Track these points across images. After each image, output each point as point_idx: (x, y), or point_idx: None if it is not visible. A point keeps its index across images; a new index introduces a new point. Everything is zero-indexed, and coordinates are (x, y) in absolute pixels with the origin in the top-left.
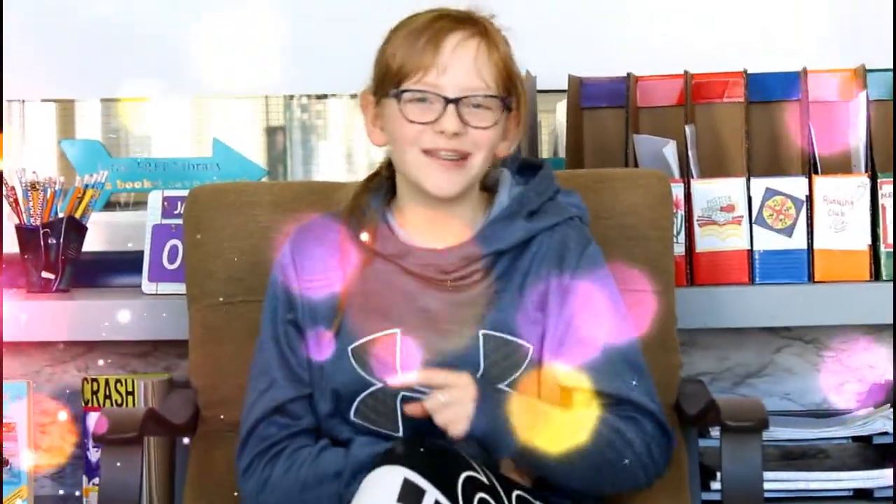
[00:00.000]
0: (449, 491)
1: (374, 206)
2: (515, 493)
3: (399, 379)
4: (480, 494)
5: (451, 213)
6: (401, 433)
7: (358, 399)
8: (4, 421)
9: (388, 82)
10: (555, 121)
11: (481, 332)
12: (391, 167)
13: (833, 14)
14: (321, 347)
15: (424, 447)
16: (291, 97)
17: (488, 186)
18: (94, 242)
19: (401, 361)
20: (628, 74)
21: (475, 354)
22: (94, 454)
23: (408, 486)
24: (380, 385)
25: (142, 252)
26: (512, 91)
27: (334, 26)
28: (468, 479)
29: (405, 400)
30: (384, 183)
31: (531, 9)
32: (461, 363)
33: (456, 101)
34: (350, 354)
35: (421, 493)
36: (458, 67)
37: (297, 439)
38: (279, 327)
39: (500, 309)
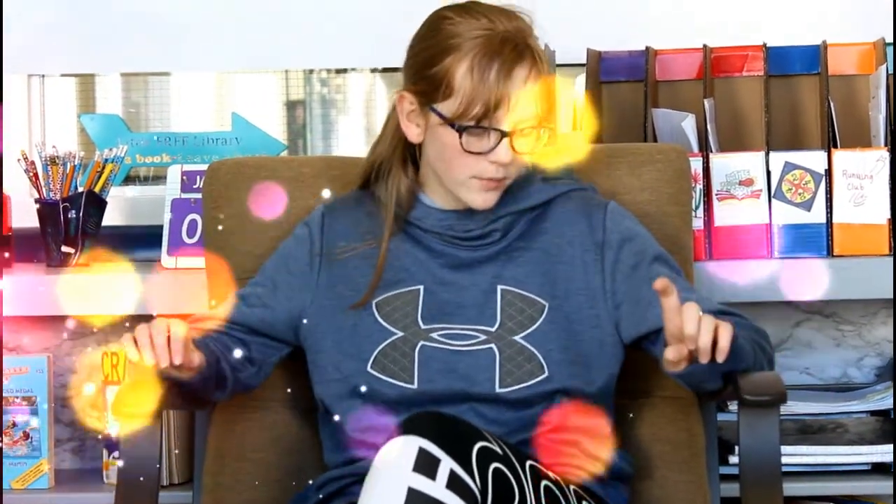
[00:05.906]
0: (464, 460)
1: (406, 181)
2: (528, 462)
3: None
4: (495, 464)
5: None
6: (415, 384)
7: (377, 350)
8: (24, 395)
9: (438, 100)
10: (573, 95)
11: (499, 286)
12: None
13: None
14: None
15: (439, 418)
16: (311, 71)
17: None
18: (113, 217)
19: (422, 313)
20: (647, 48)
21: (493, 308)
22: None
23: (423, 455)
24: (400, 335)
25: (161, 226)
26: (551, 110)
27: (354, 0)
28: (482, 448)
29: (424, 351)
30: (409, 159)
31: None
32: (479, 316)
33: (510, 134)
34: (374, 307)
35: (436, 462)
36: (521, 103)
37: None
38: (280, 276)
39: (518, 265)
